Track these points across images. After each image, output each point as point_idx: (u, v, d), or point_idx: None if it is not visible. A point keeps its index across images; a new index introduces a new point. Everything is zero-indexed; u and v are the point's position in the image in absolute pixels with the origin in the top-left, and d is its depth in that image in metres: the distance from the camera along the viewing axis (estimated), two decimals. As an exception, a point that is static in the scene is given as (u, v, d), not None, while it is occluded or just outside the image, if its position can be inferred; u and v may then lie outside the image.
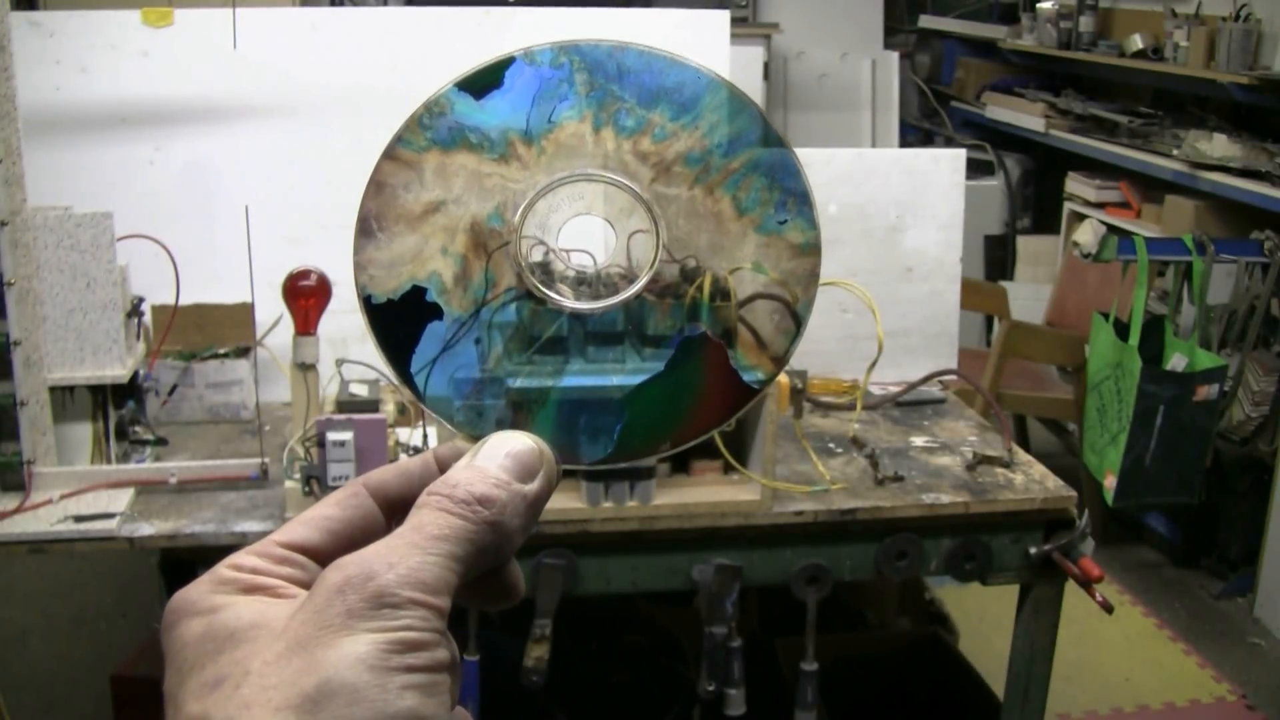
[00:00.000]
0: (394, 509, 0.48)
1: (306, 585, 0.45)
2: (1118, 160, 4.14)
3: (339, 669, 0.39)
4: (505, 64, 0.51)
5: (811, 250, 0.54)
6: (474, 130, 0.52)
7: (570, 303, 0.54)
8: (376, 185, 0.52)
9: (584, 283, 0.55)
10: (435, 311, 0.53)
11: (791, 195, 0.54)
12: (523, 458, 0.47)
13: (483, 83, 0.51)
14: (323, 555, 0.46)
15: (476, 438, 0.49)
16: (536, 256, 0.56)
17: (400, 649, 0.40)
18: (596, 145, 0.52)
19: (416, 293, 0.53)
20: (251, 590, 0.44)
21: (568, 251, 0.55)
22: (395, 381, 0.54)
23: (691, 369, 0.54)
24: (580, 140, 0.52)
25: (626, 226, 0.54)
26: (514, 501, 0.46)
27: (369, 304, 0.53)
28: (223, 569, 0.44)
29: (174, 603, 0.44)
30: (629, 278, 0.54)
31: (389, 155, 0.52)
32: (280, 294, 1.86)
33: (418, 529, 0.43)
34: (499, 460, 0.47)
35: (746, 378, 0.55)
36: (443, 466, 0.49)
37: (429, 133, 0.52)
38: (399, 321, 0.53)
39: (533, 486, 0.47)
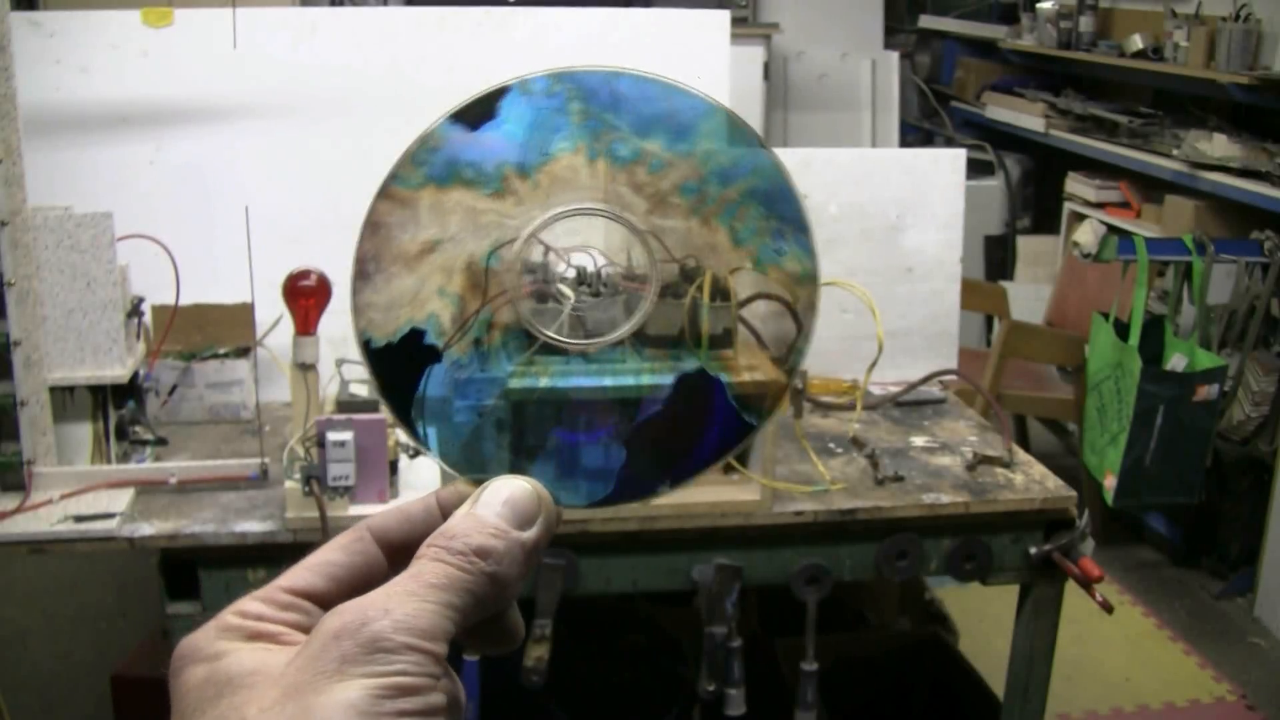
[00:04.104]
0: (396, 553, 0.49)
1: (310, 631, 0.45)
2: (1118, 160, 4.14)
3: (330, 715, 0.39)
4: (499, 94, 0.51)
5: (809, 280, 0.54)
6: (468, 165, 0.51)
7: (570, 341, 0.53)
8: (372, 226, 0.51)
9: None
10: (434, 354, 0.53)
11: (789, 224, 0.53)
12: (520, 505, 0.48)
13: (477, 114, 0.51)
14: (327, 600, 0.47)
15: (478, 481, 0.50)
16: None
17: (393, 694, 0.40)
18: (592, 177, 0.52)
19: (415, 335, 0.52)
20: (255, 637, 0.44)
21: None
22: (399, 426, 0.54)
23: (689, 407, 0.54)
24: (575, 173, 0.51)
25: (623, 258, 0.54)
26: (511, 550, 0.47)
27: (368, 349, 0.52)
28: (228, 615, 0.45)
29: (180, 649, 0.44)
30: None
31: (384, 194, 0.51)
32: (280, 294, 1.86)
33: (415, 577, 0.44)
34: (496, 509, 0.48)
35: (745, 416, 0.54)
36: (444, 509, 0.50)
37: (424, 168, 0.51)
38: (399, 365, 0.52)
39: (530, 534, 0.48)
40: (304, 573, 0.48)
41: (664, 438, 0.54)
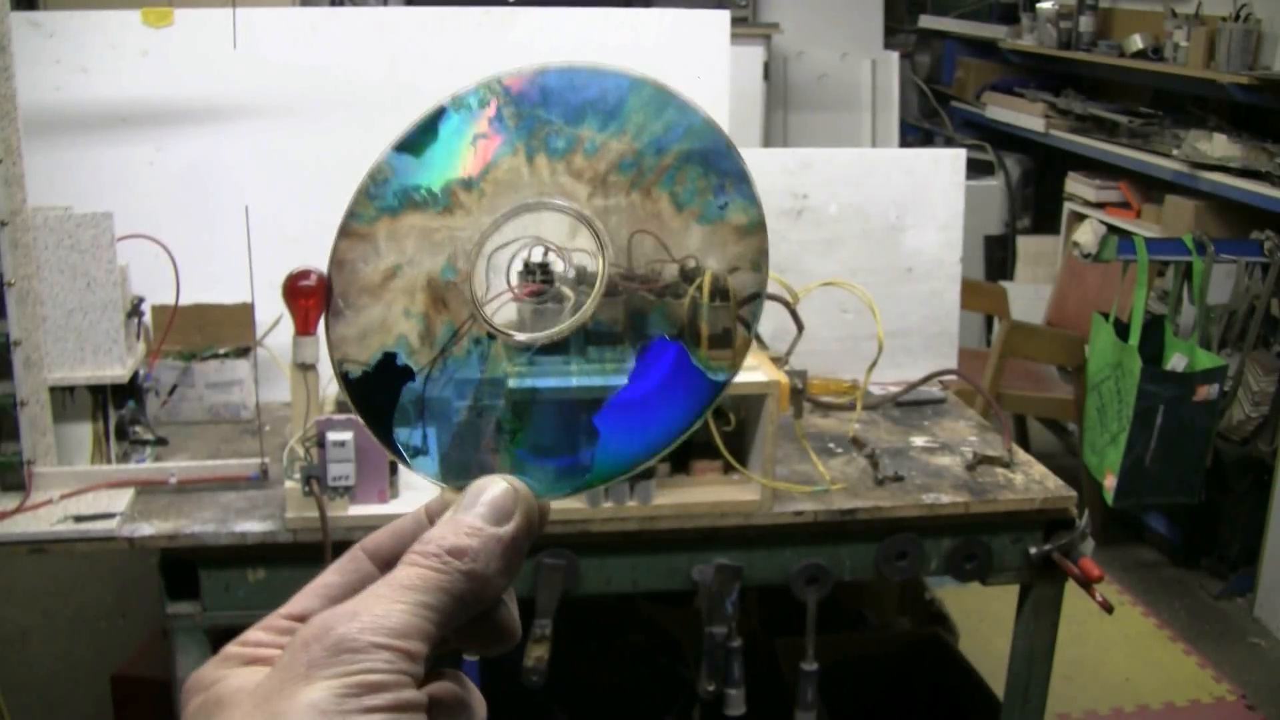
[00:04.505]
0: (390, 569, 0.49)
1: None
2: (1118, 160, 4.14)
3: (295, 718, 0.40)
4: (437, 116, 0.52)
5: (757, 229, 0.54)
6: (417, 189, 0.52)
7: (520, 335, 0.54)
8: (338, 265, 0.52)
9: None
10: (407, 373, 0.54)
11: (728, 177, 0.53)
12: (497, 501, 0.49)
13: (419, 140, 0.52)
14: None
15: (461, 488, 0.50)
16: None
17: (358, 692, 0.41)
18: (532, 175, 0.52)
19: (388, 359, 0.53)
20: (252, 662, 0.46)
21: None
22: (383, 448, 0.55)
23: (654, 377, 0.54)
24: (516, 174, 0.52)
25: (574, 246, 0.54)
26: (488, 546, 0.47)
27: (347, 380, 0.54)
28: (230, 646, 0.47)
29: (187, 683, 0.46)
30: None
31: (344, 233, 0.52)
32: (280, 294, 1.86)
33: (386, 582, 0.45)
34: (476, 509, 0.48)
35: (711, 376, 0.55)
36: (433, 519, 0.50)
37: (376, 202, 0.52)
38: (377, 391, 0.54)
39: (508, 529, 0.48)
40: (302, 598, 0.49)
41: (636, 411, 0.54)
